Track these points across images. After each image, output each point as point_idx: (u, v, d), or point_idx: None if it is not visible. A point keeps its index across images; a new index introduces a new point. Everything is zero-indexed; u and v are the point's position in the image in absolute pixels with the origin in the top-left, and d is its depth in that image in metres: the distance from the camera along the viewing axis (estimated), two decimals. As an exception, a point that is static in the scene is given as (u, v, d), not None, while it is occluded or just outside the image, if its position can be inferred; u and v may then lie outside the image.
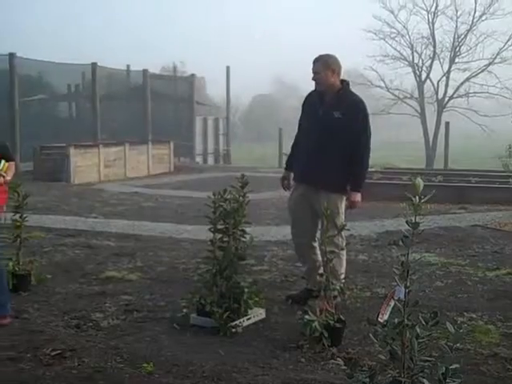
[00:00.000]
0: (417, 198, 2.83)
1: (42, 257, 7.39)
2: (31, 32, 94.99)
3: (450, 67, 32.65)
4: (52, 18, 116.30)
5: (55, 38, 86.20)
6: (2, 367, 4.07)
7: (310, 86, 5.71)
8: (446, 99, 32.99)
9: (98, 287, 6.15)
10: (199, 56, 75.56)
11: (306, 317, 4.39)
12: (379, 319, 3.19)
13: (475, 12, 31.71)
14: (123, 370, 4.07)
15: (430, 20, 32.73)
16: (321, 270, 5.42)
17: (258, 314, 5.06)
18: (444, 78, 32.93)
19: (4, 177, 5.33)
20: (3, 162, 5.34)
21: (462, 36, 32.51)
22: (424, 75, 33.18)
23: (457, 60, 32.75)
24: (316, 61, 5.47)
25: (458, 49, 32.71)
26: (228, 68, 31.07)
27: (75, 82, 26.39)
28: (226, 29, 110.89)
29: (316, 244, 5.62)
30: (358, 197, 5.48)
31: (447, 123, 25.51)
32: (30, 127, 21.10)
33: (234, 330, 4.70)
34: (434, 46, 32.69)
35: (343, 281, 5.28)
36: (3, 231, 6.10)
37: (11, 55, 20.09)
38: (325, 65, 5.41)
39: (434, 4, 32.46)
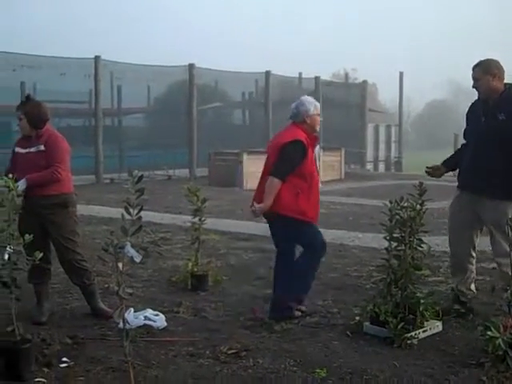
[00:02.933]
0: None
1: (217, 259, 7.67)
2: (208, 43, 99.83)
3: None
4: (226, 30, 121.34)
5: (230, 47, 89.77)
6: (183, 362, 4.28)
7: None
8: None
9: (271, 290, 6.24)
10: (371, 62, 74.89)
11: (489, 333, 4.14)
12: None
13: None
14: (296, 374, 4.10)
15: None
16: (472, 285, 5.37)
17: (434, 326, 4.86)
18: None
19: None
20: None
21: None
22: None
23: None
24: (475, 67, 5.23)
25: None
26: (401, 74, 30.50)
27: (249, 90, 27.29)
28: (397, 35, 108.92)
29: (474, 254, 5.38)
30: None
31: None
32: (205, 134, 22.11)
33: (409, 341, 4.55)
34: None
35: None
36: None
37: (191, 66, 21.20)
38: (484, 70, 5.15)
39: None
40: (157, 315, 5.11)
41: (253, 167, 18.62)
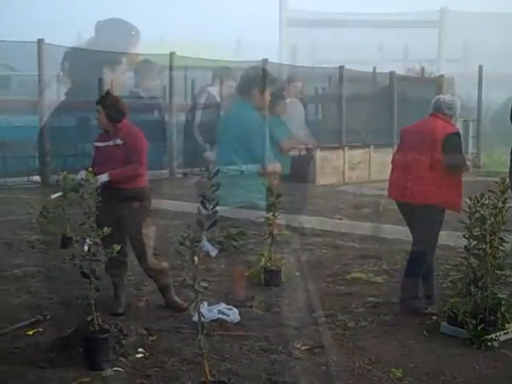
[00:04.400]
0: None
1: (290, 254, 7.62)
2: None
3: None
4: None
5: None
6: (256, 356, 4.28)
7: None
8: None
9: (345, 287, 6.18)
10: (447, 56, 72.74)
11: None
12: None
13: None
14: (371, 372, 4.04)
15: None
16: None
17: (516, 328, 4.69)
18: None
19: None
20: None
21: None
22: None
23: None
24: None
25: None
26: (480, 67, 29.55)
27: (322, 85, 27.05)
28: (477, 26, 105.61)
29: None
30: None
31: None
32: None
33: (489, 343, 4.41)
34: None
35: None
36: None
37: (264, 60, 21.16)
38: None
39: None
40: (230, 309, 5.13)
41: (325, 162, 18.50)
